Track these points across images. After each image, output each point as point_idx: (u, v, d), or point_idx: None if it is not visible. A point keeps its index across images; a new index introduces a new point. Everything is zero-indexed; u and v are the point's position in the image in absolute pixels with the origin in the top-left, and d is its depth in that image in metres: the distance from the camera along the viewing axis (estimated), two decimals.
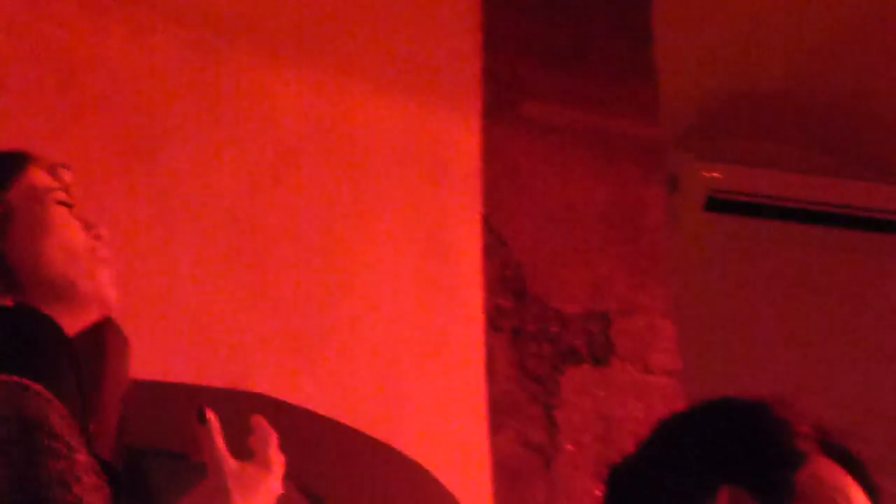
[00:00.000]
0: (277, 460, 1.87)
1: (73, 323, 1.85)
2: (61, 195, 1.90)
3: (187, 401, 3.18)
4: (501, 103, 3.81)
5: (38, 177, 1.90)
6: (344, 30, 3.59)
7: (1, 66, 3.10)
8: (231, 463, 1.79)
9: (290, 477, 3.86)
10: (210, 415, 1.79)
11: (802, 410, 1.75)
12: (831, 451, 1.69)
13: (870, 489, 1.68)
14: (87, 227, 1.90)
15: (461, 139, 3.67)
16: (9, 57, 3.14)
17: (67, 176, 1.95)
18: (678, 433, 1.78)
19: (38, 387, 1.56)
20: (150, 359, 2.99)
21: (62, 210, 1.88)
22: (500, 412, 3.50)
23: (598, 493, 1.81)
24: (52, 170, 1.93)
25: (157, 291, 3.11)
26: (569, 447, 3.56)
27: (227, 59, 3.40)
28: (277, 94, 3.44)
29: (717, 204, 4.67)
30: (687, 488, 1.69)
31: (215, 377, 3.14)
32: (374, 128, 3.53)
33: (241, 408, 3.25)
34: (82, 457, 1.57)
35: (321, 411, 3.23)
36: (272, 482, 1.84)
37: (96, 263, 1.87)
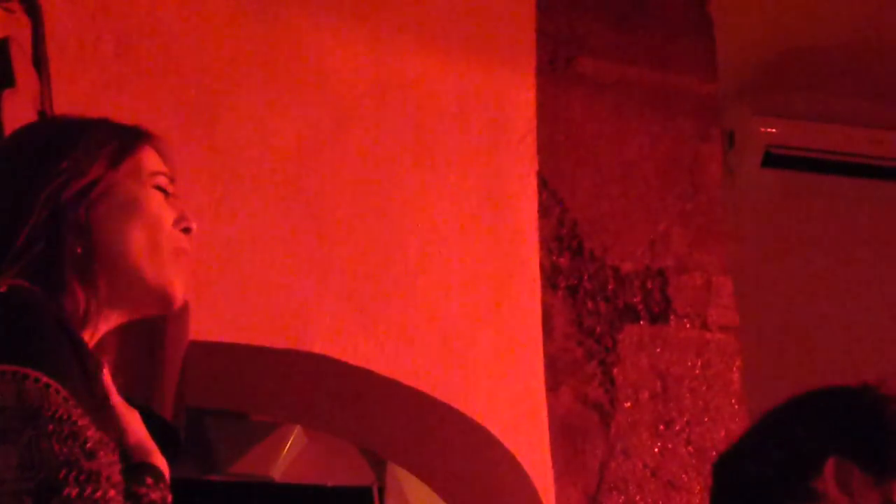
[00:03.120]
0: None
1: (131, 309, 1.84)
2: (163, 181, 1.88)
3: (247, 362, 3.22)
4: (556, 60, 3.80)
5: (148, 158, 1.88)
6: None
7: (59, 30, 3.11)
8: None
9: (350, 437, 3.89)
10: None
11: None
12: None
13: None
14: (180, 218, 1.88)
15: (516, 97, 3.66)
16: (67, 21, 3.15)
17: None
18: (784, 415, 1.81)
19: (36, 374, 1.55)
20: (210, 320, 3.02)
21: (158, 196, 1.87)
22: (557, 370, 3.51)
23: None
24: (163, 152, 1.91)
25: (216, 253, 3.13)
26: (626, 404, 3.56)
27: (283, 21, 3.40)
28: (333, 54, 3.44)
29: (775, 159, 4.63)
30: (794, 461, 1.71)
31: (275, 338, 3.15)
32: (429, 87, 3.53)
33: (301, 369, 3.28)
34: (93, 434, 1.56)
35: (380, 371, 3.24)
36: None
37: (173, 258, 1.85)
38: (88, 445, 1.55)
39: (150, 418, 1.89)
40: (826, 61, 4.58)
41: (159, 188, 1.86)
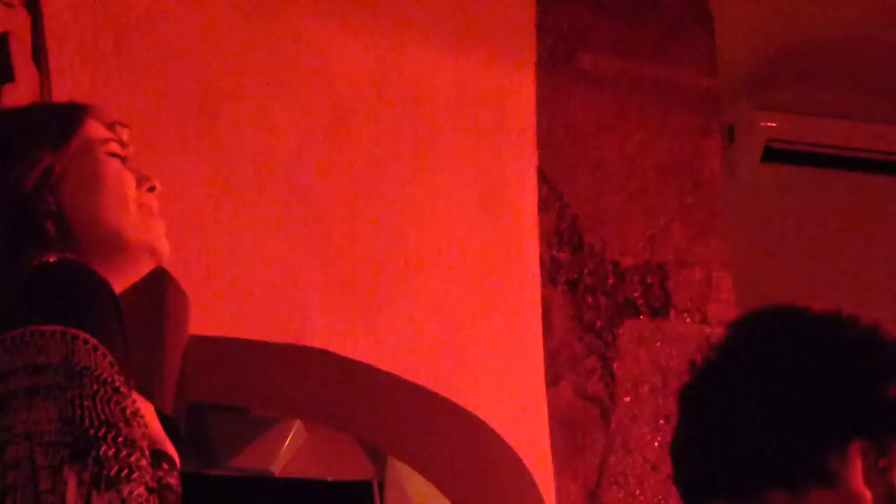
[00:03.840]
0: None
1: (125, 274, 1.85)
2: (114, 147, 1.88)
3: (247, 357, 3.22)
4: (556, 55, 3.80)
5: (93, 129, 1.89)
6: None
7: (59, 25, 3.11)
8: None
9: (350, 432, 3.90)
10: None
11: None
12: None
13: None
14: (142, 179, 1.89)
15: (516, 92, 3.66)
16: (66, 15, 3.15)
17: (125, 134, 1.95)
18: (782, 370, 1.65)
19: (85, 335, 1.57)
20: (210, 315, 3.02)
21: (115, 162, 1.88)
22: (557, 365, 3.51)
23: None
24: (104, 120, 1.92)
25: (216, 248, 3.13)
26: (626, 399, 3.56)
27: (283, 16, 3.40)
28: (333, 49, 3.44)
29: (775, 153, 4.63)
30: (814, 439, 1.59)
31: (275, 333, 3.16)
32: (428, 82, 3.53)
33: (301, 363, 3.28)
34: (131, 403, 1.58)
35: (380, 366, 3.24)
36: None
37: (147, 215, 1.87)
38: (128, 412, 1.57)
39: None
40: (826, 55, 4.57)
41: (114, 155, 1.87)
